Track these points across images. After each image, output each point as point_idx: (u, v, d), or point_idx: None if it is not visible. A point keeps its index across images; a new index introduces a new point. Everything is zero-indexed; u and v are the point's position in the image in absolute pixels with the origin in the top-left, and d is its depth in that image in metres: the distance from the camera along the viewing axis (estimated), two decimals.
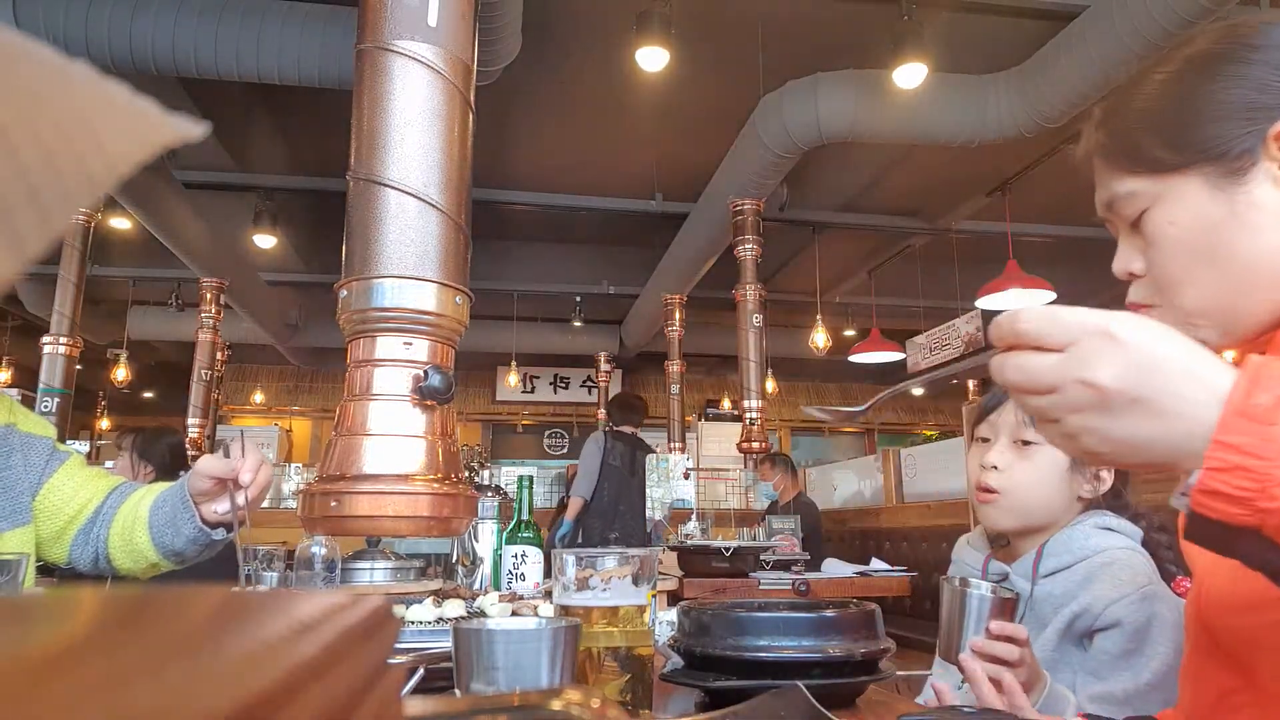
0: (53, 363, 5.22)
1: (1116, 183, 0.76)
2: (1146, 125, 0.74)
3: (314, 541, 1.41)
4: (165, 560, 1.30)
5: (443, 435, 1.27)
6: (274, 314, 8.29)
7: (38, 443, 1.31)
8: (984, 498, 1.25)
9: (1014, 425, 1.24)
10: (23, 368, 8.47)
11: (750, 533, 3.84)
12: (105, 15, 3.89)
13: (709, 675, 0.93)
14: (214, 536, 1.27)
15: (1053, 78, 4.19)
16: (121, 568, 1.33)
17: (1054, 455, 1.23)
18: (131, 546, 1.29)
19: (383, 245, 1.27)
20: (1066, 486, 1.24)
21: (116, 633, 0.17)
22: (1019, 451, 1.24)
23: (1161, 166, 0.72)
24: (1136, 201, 0.74)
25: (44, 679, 0.14)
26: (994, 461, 1.24)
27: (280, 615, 0.20)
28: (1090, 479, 1.25)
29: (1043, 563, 1.21)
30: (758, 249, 5.30)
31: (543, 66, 4.86)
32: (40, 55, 0.20)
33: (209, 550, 1.31)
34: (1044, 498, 1.23)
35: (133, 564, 1.31)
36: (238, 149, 6.04)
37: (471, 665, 0.70)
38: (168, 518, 1.27)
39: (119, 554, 1.30)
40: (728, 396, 10.72)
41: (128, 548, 1.29)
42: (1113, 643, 1.11)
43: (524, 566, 1.57)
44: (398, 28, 1.33)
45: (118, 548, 1.30)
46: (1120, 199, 0.75)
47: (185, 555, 1.30)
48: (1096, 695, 1.07)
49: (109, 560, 1.31)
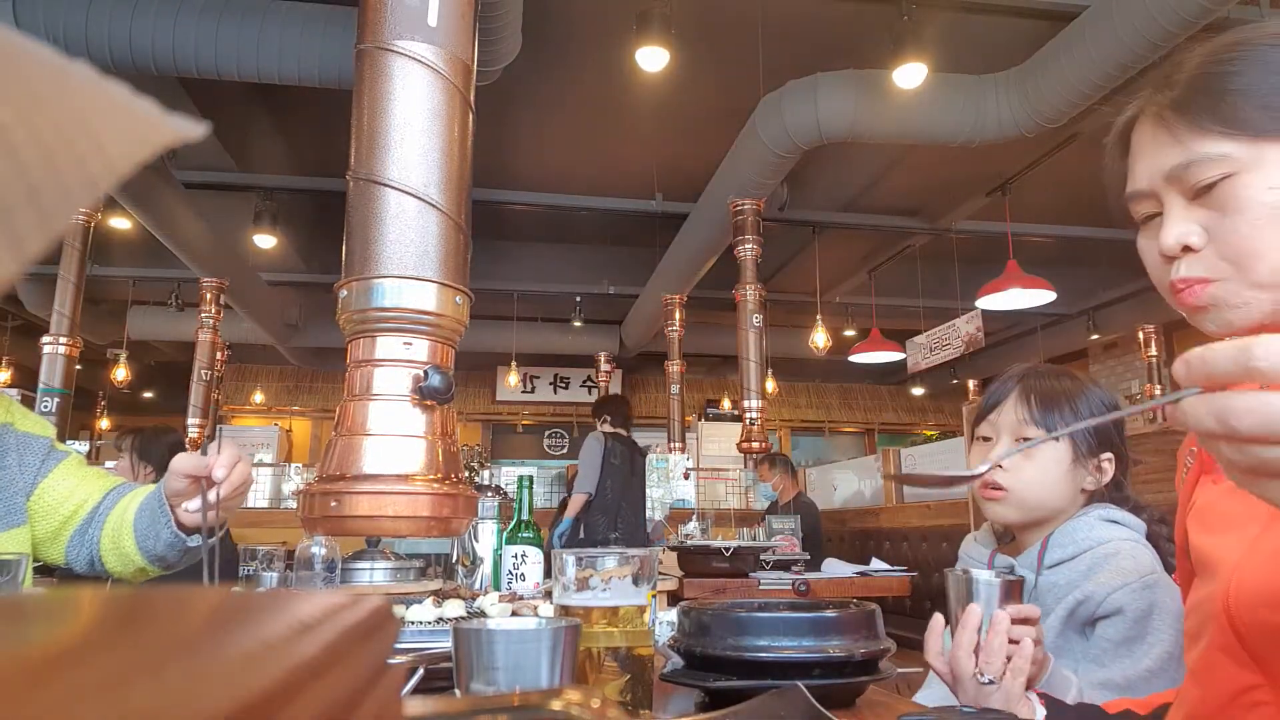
0: (52, 363, 5.22)
1: (1202, 144, 0.72)
2: (1251, 88, 0.71)
3: (314, 542, 1.41)
4: (151, 566, 1.28)
5: (443, 435, 1.27)
6: (274, 314, 8.29)
7: (35, 442, 1.30)
8: (991, 495, 1.26)
9: (1015, 423, 1.26)
10: (22, 368, 8.47)
11: (750, 533, 3.84)
12: (105, 15, 3.89)
13: (709, 675, 0.93)
14: (189, 543, 1.24)
15: (1053, 78, 4.19)
16: (113, 571, 1.31)
17: (1057, 451, 1.24)
18: (120, 550, 1.27)
19: (383, 245, 1.27)
20: (1070, 480, 1.26)
21: (116, 633, 0.17)
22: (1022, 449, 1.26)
23: (1263, 131, 0.70)
24: (1223, 165, 0.71)
25: (44, 679, 0.14)
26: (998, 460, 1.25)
27: (280, 615, 0.20)
28: (1093, 470, 1.26)
29: (1048, 554, 1.22)
30: (758, 249, 5.30)
31: (543, 66, 4.86)
32: (40, 55, 0.20)
33: (189, 556, 1.28)
34: (1049, 492, 1.25)
35: (122, 568, 1.30)
36: (238, 149, 6.05)
37: (471, 665, 0.70)
38: (148, 522, 1.25)
39: (110, 557, 1.29)
40: (728, 396, 10.72)
41: (117, 551, 1.28)
42: (1115, 630, 1.12)
43: (524, 567, 1.57)
44: (398, 28, 1.33)
45: (108, 550, 1.29)
46: (1203, 162, 0.71)
47: (167, 560, 1.27)
48: (1097, 682, 1.08)
49: (102, 563, 1.30)
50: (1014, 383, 1.29)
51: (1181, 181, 0.73)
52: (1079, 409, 1.24)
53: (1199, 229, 0.73)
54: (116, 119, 0.21)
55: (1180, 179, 0.73)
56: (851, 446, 12.14)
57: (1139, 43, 3.65)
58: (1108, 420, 1.12)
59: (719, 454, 8.36)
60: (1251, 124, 0.70)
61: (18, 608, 0.19)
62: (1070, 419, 1.23)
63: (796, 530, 4.05)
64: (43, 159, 0.18)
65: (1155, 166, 0.76)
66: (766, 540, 3.72)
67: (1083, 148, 5.37)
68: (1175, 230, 0.74)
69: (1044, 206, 6.59)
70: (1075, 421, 1.23)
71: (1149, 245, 0.80)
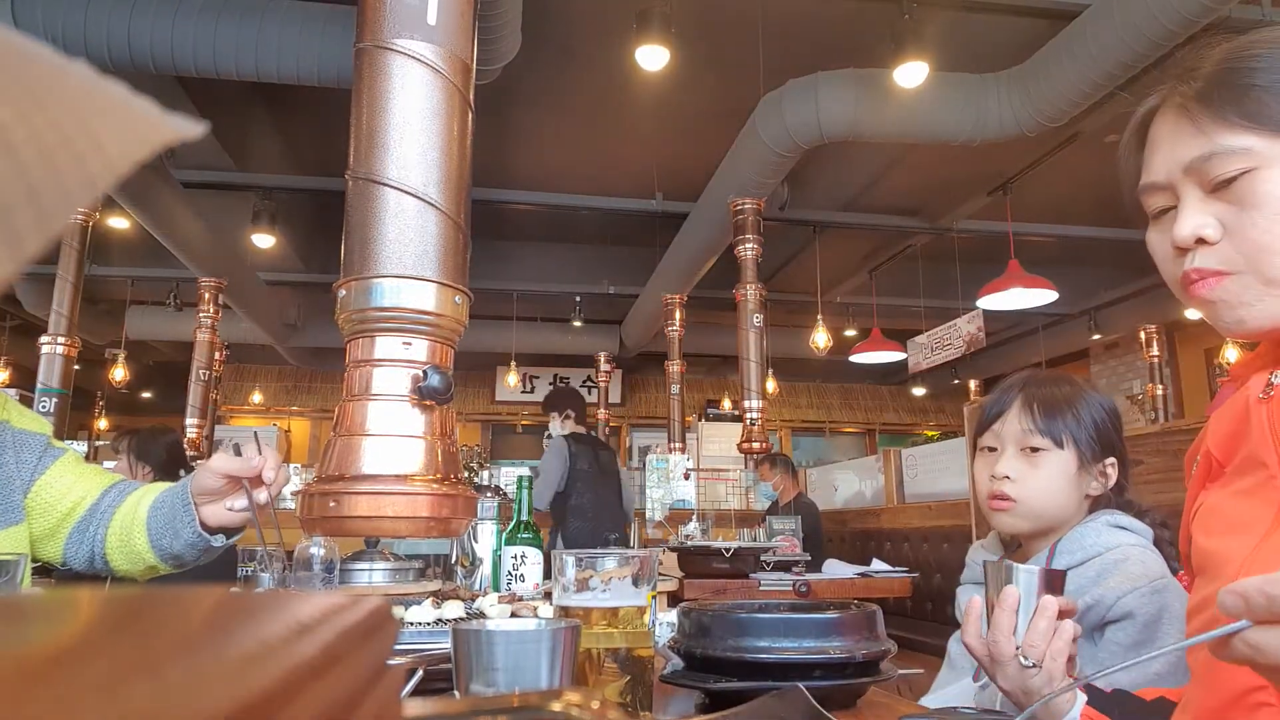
0: (51, 363, 5.21)
1: (1225, 136, 0.72)
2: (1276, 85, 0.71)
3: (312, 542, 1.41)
4: (163, 564, 1.28)
5: (442, 435, 1.27)
6: (273, 314, 8.29)
7: (31, 439, 1.29)
8: (999, 505, 1.26)
9: (1020, 433, 1.26)
10: (21, 368, 8.47)
11: (751, 533, 3.84)
12: (104, 15, 3.89)
13: (709, 677, 0.93)
14: (213, 542, 1.25)
15: (1053, 77, 4.19)
16: (119, 569, 1.30)
17: (1062, 460, 1.25)
18: (129, 548, 1.27)
19: (382, 245, 1.27)
20: (1076, 487, 1.26)
21: (116, 633, 0.17)
22: (1028, 459, 1.26)
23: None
24: (1245, 160, 0.71)
25: (44, 679, 0.14)
26: (1006, 471, 1.26)
27: (279, 616, 0.20)
28: (1098, 475, 1.26)
29: (1055, 560, 1.23)
30: (758, 249, 5.30)
31: (543, 66, 4.86)
32: (39, 55, 0.20)
33: (207, 555, 1.28)
34: (1057, 501, 1.25)
35: (130, 566, 1.29)
36: (236, 148, 6.04)
37: (471, 666, 0.70)
38: (166, 520, 1.25)
39: (116, 555, 1.28)
40: (728, 396, 10.72)
41: (125, 549, 1.27)
42: (1125, 634, 1.12)
43: (523, 567, 1.57)
44: (397, 26, 1.33)
45: (115, 549, 1.28)
46: (1225, 154, 0.71)
47: (184, 559, 1.28)
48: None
49: (105, 560, 1.29)
50: (1015, 392, 1.29)
51: (1201, 174, 0.73)
52: (1080, 415, 1.25)
53: (1215, 222, 0.73)
54: (115, 118, 0.21)
55: (1200, 171, 0.73)
56: (852, 447, 12.14)
57: (1140, 42, 3.65)
58: (1146, 660, 1.07)
59: (719, 454, 8.36)
60: (1275, 119, 0.70)
61: (18, 608, 0.19)
62: (1073, 426, 1.24)
63: (797, 531, 4.05)
64: (42, 158, 0.18)
65: (1175, 158, 0.75)
66: (767, 541, 3.72)
67: (1084, 147, 5.37)
68: (1192, 222, 0.73)
69: (1045, 206, 6.59)
70: (1078, 428, 1.24)
71: (1160, 239, 0.79)
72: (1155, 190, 0.78)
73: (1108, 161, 3.85)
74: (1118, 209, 0.84)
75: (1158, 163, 0.77)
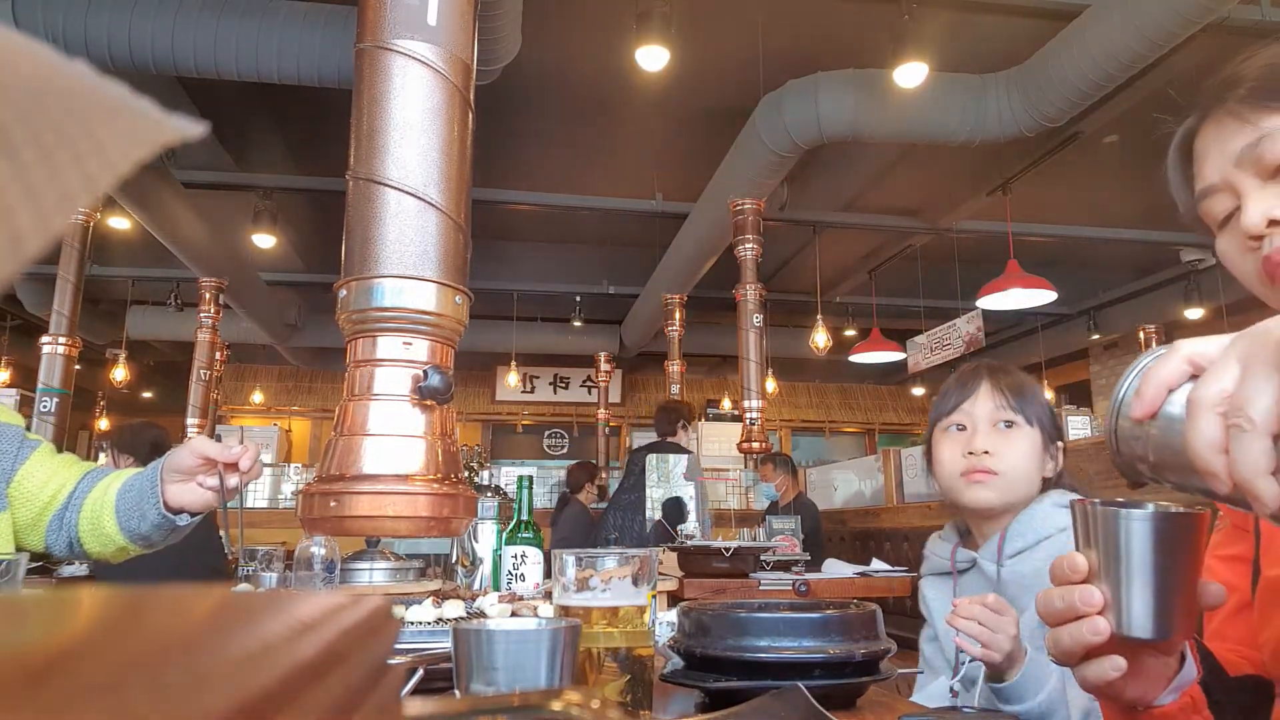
0: (51, 363, 5.22)
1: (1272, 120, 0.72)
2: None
3: (313, 542, 1.41)
4: (132, 545, 1.31)
5: (442, 435, 1.27)
6: (273, 314, 8.29)
7: (8, 430, 1.31)
8: (980, 478, 1.29)
9: (993, 409, 1.32)
10: (22, 368, 8.47)
11: (750, 533, 3.83)
12: (104, 15, 3.89)
13: (709, 676, 0.93)
14: (178, 522, 1.28)
15: (1053, 77, 4.19)
16: (91, 552, 1.33)
17: (1032, 436, 1.31)
18: (99, 530, 1.30)
19: (382, 245, 1.27)
20: (1039, 466, 1.32)
21: (116, 633, 0.17)
22: (1003, 435, 1.31)
23: None
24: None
25: (44, 679, 0.14)
26: (985, 446, 1.30)
27: (280, 615, 0.20)
28: (1052, 456, 1.32)
29: (1007, 544, 1.26)
30: (758, 249, 5.30)
31: (543, 66, 4.86)
32: (39, 55, 0.20)
33: (174, 535, 1.31)
34: (1029, 476, 1.30)
35: (101, 548, 1.32)
36: (237, 149, 6.04)
37: (471, 666, 0.70)
38: (134, 502, 1.28)
39: (88, 538, 1.31)
40: (728, 396, 10.72)
41: (95, 532, 1.30)
42: None
43: (524, 567, 1.57)
44: (397, 27, 1.33)
45: (87, 532, 1.31)
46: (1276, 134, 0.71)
47: (151, 540, 1.31)
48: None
49: (80, 544, 1.32)
50: (982, 375, 1.35)
51: (1257, 162, 0.73)
52: (1040, 398, 1.34)
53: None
54: (116, 119, 0.21)
55: (1254, 159, 0.73)
56: (852, 446, 12.14)
57: (1139, 42, 3.65)
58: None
59: (719, 454, 8.35)
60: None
61: (18, 608, 0.19)
62: (1037, 408, 1.32)
63: (797, 530, 4.04)
64: (42, 158, 0.18)
65: (1224, 155, 0.75)
66: (767, 540, 3.72)
67: (1084, 147, 5.37)
68: (1259, 206, 0.72)
69: (1044, 206, 6.59)
70: (1041, 410, 1.32)
71: (1230, 241, 0.77)
72: (1214, 193, 0.76)
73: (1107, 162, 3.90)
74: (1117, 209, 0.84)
75: (1209, 168, 0.77)
